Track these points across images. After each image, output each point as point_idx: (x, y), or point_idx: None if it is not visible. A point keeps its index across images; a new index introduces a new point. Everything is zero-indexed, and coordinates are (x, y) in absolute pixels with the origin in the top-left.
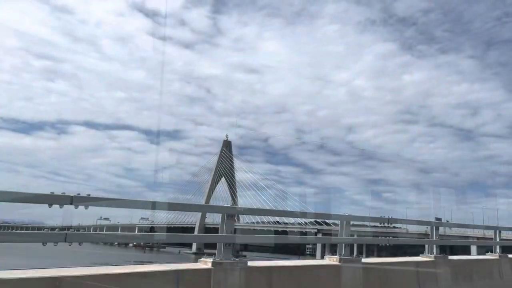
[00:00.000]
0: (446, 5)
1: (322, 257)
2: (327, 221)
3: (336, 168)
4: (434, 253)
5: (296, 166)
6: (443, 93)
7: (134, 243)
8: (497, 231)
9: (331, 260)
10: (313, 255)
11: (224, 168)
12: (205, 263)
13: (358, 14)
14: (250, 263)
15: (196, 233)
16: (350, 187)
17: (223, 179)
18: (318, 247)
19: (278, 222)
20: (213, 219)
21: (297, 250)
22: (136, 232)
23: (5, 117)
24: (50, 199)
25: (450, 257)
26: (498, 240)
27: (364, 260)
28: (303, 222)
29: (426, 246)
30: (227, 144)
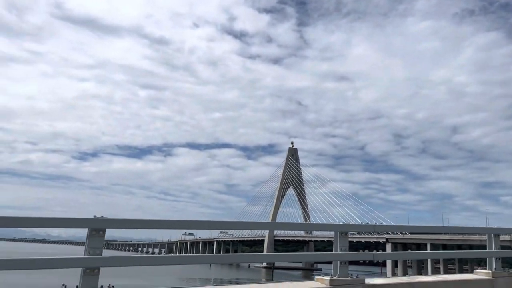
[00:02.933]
0: None
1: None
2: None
3: (442, 172)
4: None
5: (397, 173)
6: None
7: None
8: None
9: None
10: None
11: (292, 177)
12: (322, 281)
13: (452, 6)
14: (368, 281)
15: (266, 245)
16: (460, 192)
17: (291, 188)
18: (389, 263)
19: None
20: (282, 230)
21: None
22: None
23: (120, 144)
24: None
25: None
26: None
27: None
28: (371, 232)
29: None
30: (293, 152)
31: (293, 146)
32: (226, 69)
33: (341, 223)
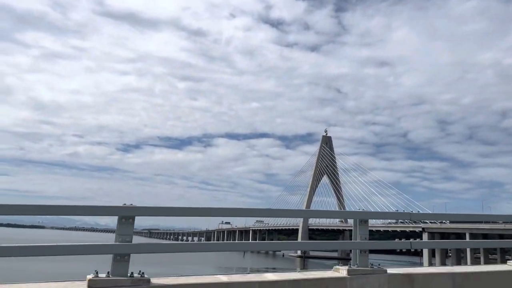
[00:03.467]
0: None
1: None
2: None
3: (490, 159)
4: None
5: (442, 160)
6: None
7: None
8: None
9: None
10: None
11: (326, 166)
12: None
13: None
14: None
15: (300, 234)
16: (511, 180)
17: (325, 177)
18: (425, 252)
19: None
20: (315, 219)
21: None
22: (253, 236)
23: (161, 136)
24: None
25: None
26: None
27: None
28: (405, 221)
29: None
30: (326, 140)
31: (326, 134)
32: (263, 58)
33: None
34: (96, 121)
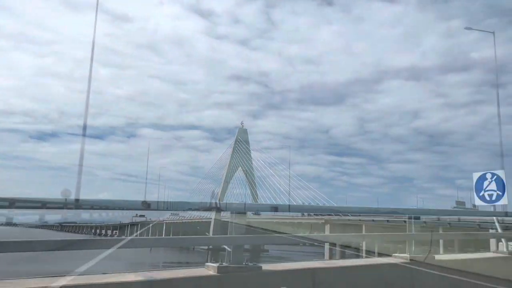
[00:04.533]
0: None
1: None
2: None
3: (402, 156)
4: None
5: (361, 156)
6: None
7: None
8: None
9: None
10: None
11: (241, 158)
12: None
13: None
14: None
15: (212, 228)
16: (418, 175)
17: (239, 169)
18: (326, 245)
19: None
20: (227, 213)
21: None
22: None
23: (81, 124)
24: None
25: None
26: None
27: None
28: (310, 214)
29: None
30: (242, 133)
31: (243, 127)
32: (192, 49)
33: None
34: (7, 106)
